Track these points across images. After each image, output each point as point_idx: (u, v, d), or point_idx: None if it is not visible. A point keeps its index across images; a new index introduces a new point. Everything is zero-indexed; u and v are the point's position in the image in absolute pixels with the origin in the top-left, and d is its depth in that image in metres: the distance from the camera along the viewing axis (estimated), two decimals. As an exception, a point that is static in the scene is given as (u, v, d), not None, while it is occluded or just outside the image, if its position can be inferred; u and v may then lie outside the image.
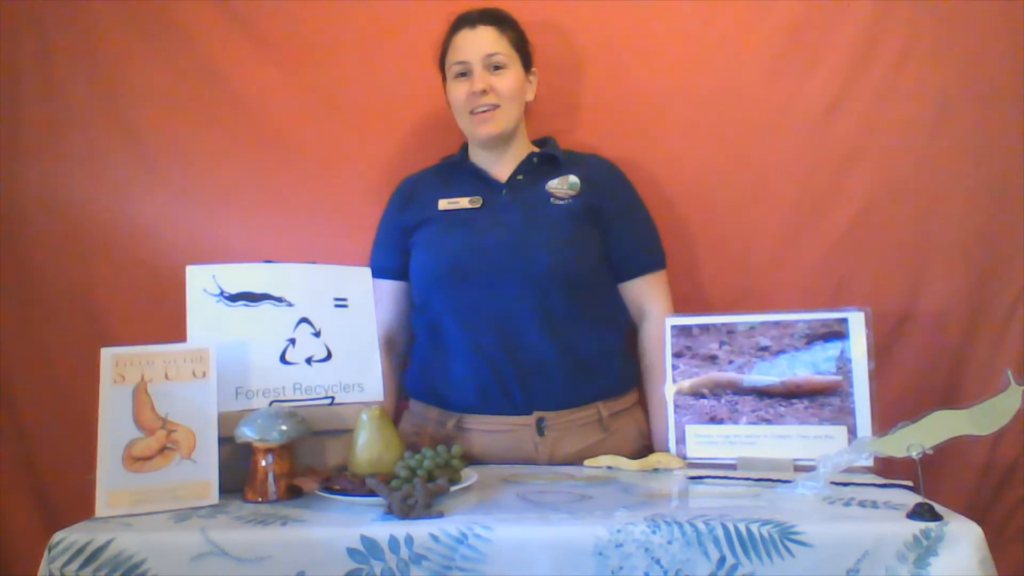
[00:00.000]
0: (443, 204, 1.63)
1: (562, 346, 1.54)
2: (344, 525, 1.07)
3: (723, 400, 1.41)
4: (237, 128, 1.84)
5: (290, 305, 1.41)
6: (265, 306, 1.39)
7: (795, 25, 1.79)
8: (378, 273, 1.66)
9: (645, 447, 1.61)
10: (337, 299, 1.45)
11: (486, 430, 1.55)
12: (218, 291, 1.37)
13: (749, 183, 1.81)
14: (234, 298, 1.38)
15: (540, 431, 1.54)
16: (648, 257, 1.67)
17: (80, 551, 1.04)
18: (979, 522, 1.04)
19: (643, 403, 1.67)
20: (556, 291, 1.53)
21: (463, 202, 1.62)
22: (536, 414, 1.54)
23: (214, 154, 1.84)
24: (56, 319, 1.80)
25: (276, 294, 1.40)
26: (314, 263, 1.47)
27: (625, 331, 1.68)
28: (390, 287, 1.69)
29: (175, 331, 1.34)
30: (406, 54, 1.83)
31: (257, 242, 1.80)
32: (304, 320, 1.41)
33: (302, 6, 1.84)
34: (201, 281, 1.36)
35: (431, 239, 1.61)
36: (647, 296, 1.65)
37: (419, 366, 1.66)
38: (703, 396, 1.43)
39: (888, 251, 1.77)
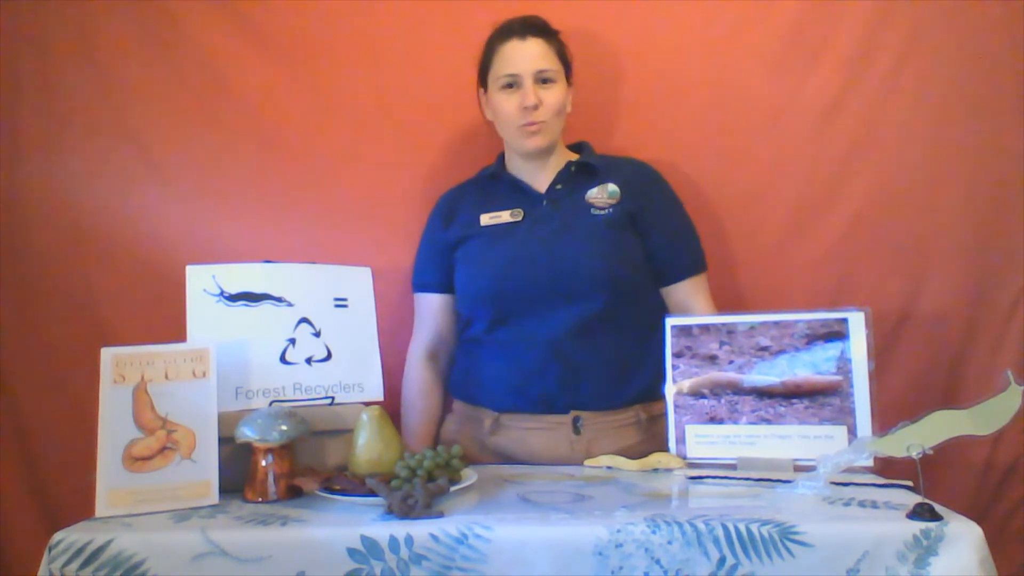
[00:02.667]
0: (485, 219, 1.63)
1: (602, 352, 1.54)
2: (344, 525, 1.07)
3: (723, 400, 1.41)
4: (238, 129, 1.84)
5: (290, 305, 1.41)
6: (265, 306, 1.39)
7: (795, 25, 1.79)
8: (422, 288, 1.70)
9: None
10: (337, 299, 1.45)
11: (522, 427, 1.56)
12: (218, 291, 1.37)
13: (749, 183, 1.81)
14: (234, 298, 1.38)
15: (576, 430, 1.54)
16: (689, 260, 1.66)
17: (80, 551, 1.04)
18: (979, 522, 1.04)
19: None
20: (597, 301, 1.53)
21: (504, 216, 1.62)
22: (573, 413, 1.54)
23: (214, 154, 1.84)
24: (56, 319, 1.80)
25: (276, 294, 1.40)
26: (314, 263, 1.47)
27: None
28: (435, 301, 1.70)
29: (175, 331, 1.34)
30: (407, 55, 1.83)
31: (257, 242, 1.80)
32: (304, 320, 1.41)
33: (303, 6, 1.84)
34: (201, 281, 1.37)
35: (475, 255, 1.62)
36: (692, 298, 1.64)
37: (462, 369, 1.68)
38: (703, 396, 1.43)
39: (888, 251, 1.77)
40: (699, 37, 1.83)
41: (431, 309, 1.70)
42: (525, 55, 1.57)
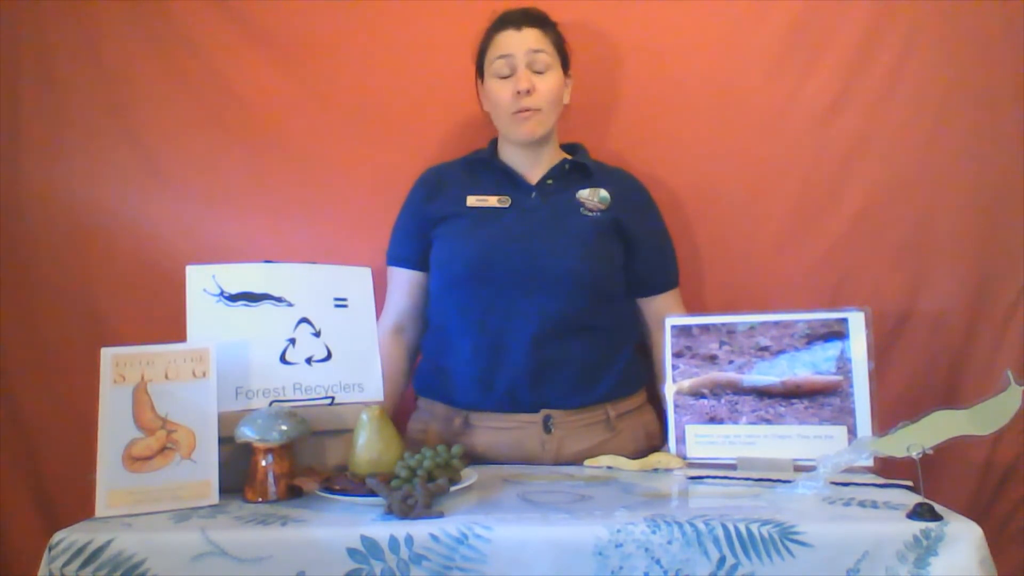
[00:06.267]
0: (472, 200, 1.61)
1: (575, 350, 1.54)
2: (344, 525, 1.07)
3: (723, 400, 1.41)
4: (237, 128, 1.84)
5: (290, 305, 1.41)
6: (265, 306, 1.39)
7: (795, 25, 1.79)
8: (396, 261, 1.67)
9: (652, 448, 1.59)
10: (337, 299, 1.45)
11: (492, 427, 1.55)
12: (218, 291, 1.37)
13: (749, 183, 1.81)
14: (234, 298, 1.38)
15: (547, 429, 1.53)
16: (669, 276, 1.70)
17: (80, 551, 1.04)
18: (979, 522, 1.05)
19: (655, 404, 1.68)
20: (575, 298, 1.53)
21: (492, 200, 1.61)
22: (543, 412, 1.54)
23: (214, 154, 1.84)
24: (56, 319, 1.80)
25: (276, 294, 1.40)
26: (314, 263, 1.47)
27: (637, 336, 1.68)
28: (407, 276, 1.68)
29: (175, 331, 1.34)
30: (406, 54, 1.83)
31: (257, 242, 1.80)
32: (304, 320, 1.41)
33: (302, 6, 1.84)
34: (201, 281, 1.36)
35: (456, 234, 1.60)
36: (674, 310, 1.67)
37: (429, 363, 1.65)
38: (703, 396, 1.43)
39: (888, 251, 1.77)
40: (699, 37, 1.82)
41: (404, 284, 1.67)
42: (520, 40, 1.57)
